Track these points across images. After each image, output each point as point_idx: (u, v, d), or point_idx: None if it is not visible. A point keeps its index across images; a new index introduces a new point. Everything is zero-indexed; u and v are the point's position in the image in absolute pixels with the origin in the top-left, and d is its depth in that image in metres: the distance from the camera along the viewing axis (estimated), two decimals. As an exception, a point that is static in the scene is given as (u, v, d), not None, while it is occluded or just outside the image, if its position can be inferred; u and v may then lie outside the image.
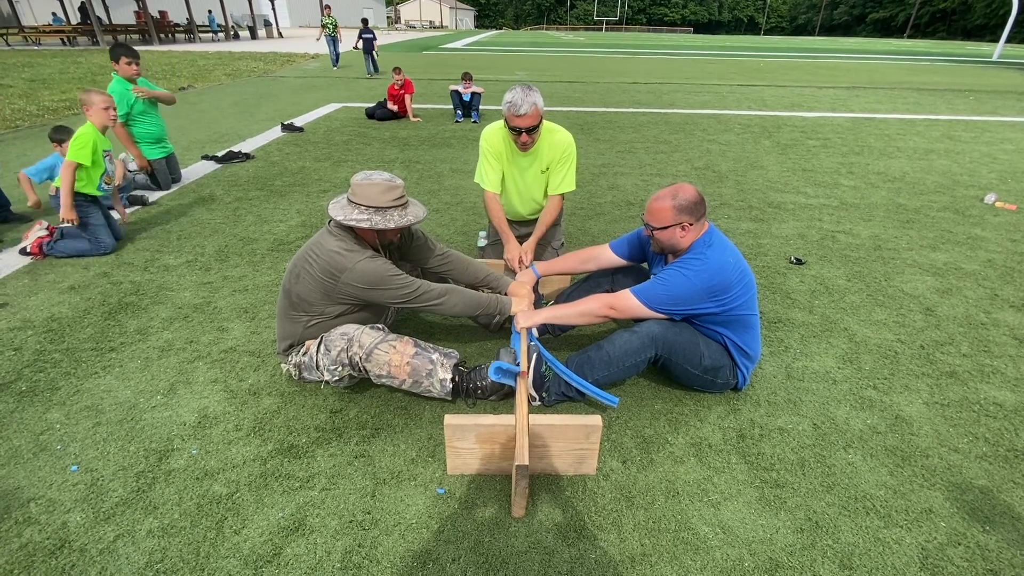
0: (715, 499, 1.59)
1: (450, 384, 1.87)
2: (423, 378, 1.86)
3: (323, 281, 1.84)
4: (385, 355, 1.83)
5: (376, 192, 1.84)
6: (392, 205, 1.87)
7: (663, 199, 1.82)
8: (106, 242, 3.18)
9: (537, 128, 2.39)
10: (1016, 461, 1.75)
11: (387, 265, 1.87)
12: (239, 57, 16.96)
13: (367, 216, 1.84)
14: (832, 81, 13.38)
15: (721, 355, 1.90)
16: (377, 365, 1.83)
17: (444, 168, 5.15)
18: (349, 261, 1.81)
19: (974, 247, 3.47)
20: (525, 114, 2.29)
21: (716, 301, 1.80)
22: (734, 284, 1.80)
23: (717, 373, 1.91)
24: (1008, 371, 2.22)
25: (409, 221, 1.89)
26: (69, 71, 12.11)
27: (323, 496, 1.59)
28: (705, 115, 8.23)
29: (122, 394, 2.00)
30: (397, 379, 1.85)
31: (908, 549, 1.45)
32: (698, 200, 1.81)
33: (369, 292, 1.85)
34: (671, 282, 1.82)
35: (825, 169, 5.28)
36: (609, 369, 1.86)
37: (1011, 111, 9.10)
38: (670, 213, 1.81)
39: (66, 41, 21.28)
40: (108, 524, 1.48)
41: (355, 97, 9.42)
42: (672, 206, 1.80)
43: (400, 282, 1.87)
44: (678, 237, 1.84)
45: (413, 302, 1.90)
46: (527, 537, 1.47)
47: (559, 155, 2.54)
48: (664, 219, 1.82)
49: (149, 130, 4.23)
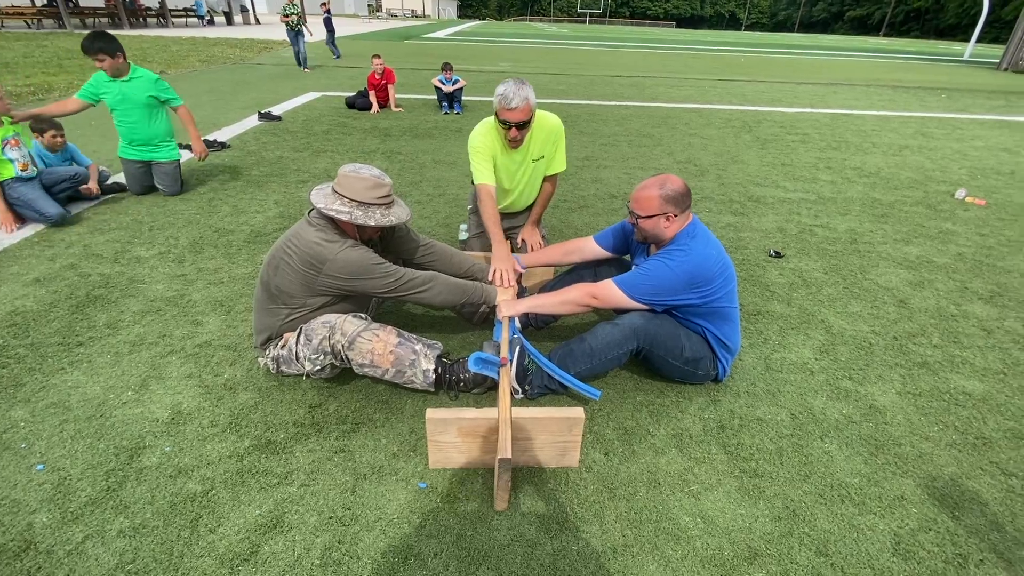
0: (696, 489, 1.61)
1: (433, 375, 1.85)
2: (406, 367, 1.83)
3: (304, 272, 1.79)
4: (368, 343, 1.79)
5: (362, 187, 1.81)
6: (377, 203, 1.83)
7: (650, 188, 1.83)
8: (49, 211, 3.25)
9: (528, 124, 2.33)
10: (984, 448, 1.81)
11: (369, 254, 1.84)
12: (214, 43, 16.48)
13: (349, 209, 1.81)
14: (811, 77, 13.58)
15: (702, 347, 1.92)
16: (360, 354, 1.79)
17: (426, 159, 5.09)
18: (330, 251, 1.77)
19: (945, 241, 3.56)
20: (516, 107, 2.23)
21: (697, 293, 1.81)
22: (715, 276, 1.81)
23: (698, 364, 1.92)
24: (976, 361, 2.28)
25: (391, 222, 1.86)
26: (34, 55, 11.62)
27: (302, 492, 1.56)
28: (687, 109, 8.28)
29: (91, 390, 1.93)
30: (380, 368, 1.82)
31: (881, 535, 1.48)
32: (684, 191, 1.82)
33: (352, 282, 1.82)
34: (653, 273, 1.82)
35: (804, 164, 5.36)
36: (591, 361, 1.86)
37: (981, 109, 9.36)
38: (656, 202, 1.81)
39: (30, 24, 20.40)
40: (76, 524, 1.43)
41: (335, 86, 9.24)
42: (659, 195, 1.81)
43: (383, 271, 1.84)
44: (662, 227, 1.85)
45: (397, 291, 1.87)
46: (509, 530, 1.46)
47: (552, 141, 2.53)
48: (650, 208, 1.83)
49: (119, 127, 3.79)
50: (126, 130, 3.76)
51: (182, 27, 24.78)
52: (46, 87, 7.87)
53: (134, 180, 3.87)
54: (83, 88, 3.62)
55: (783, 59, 19.96)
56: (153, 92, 3.75)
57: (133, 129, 3.75)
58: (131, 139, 3.78)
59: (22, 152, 3.26)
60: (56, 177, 3.51)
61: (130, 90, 3.66)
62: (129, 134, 3.76)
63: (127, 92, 3.66)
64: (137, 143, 3.79)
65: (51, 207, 3.26)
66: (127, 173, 3.87)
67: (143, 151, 3.82)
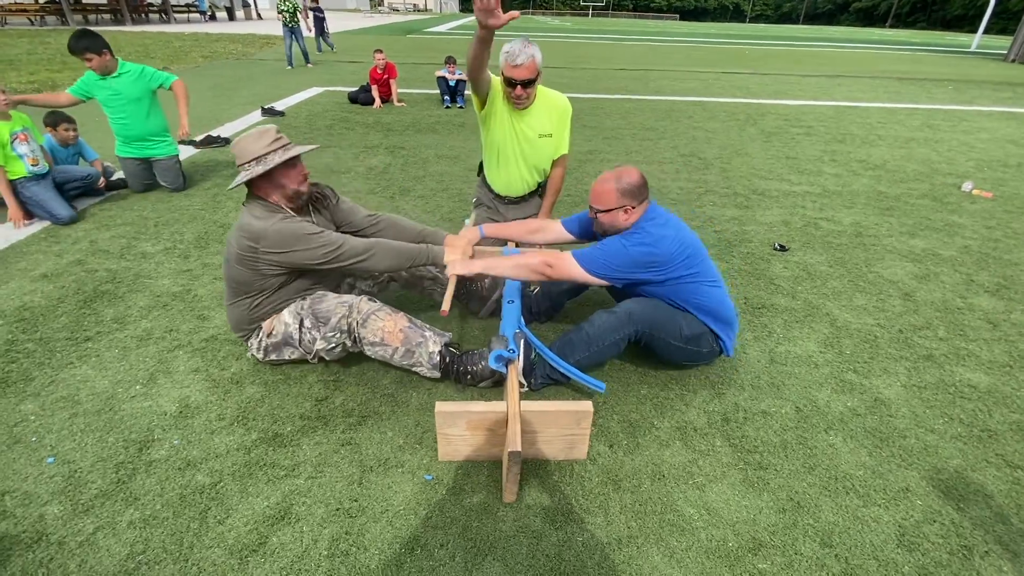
0: (700, 481, 1.62)
1: (438, 358, 1.88)
2: (415, 347, 1.87)
3: (245, 257, 1.80)
4: (380, 321, 1.85)
5: (249, 143, 1.79)
6: (269, 150, 1.80)
7: (607, 182, 1.85)
8: (61, 213, 3.28)
9: (533, 83, 2.29)
10: (989, 441, 1.80)
11: (303, 224, 1.83)
12: (216, 39, 16.46)
13: (248, 170, 1.79)
14: (815, 70, 13.47)
15: (697, 323, 1.91)
16: (372, 331, 1.84)
17: (429, 154, 5.08)
18: (262, 227, 1.76)
19: (951, 234, 3.54)
20: (521, 64, 2.20)
21: (654, 271, 1.82)
22: (674, 256, 1.82)
23: (699, 341, 1.91)
24: (982, 354, 2.28)
25: (291, 155, 1.82)
26: (37, 52, 11.64)
27: (309, 484, 1.57)
28: (691, 102, 8.23)
29: (99, 384, 1.95)
30: (390, 347, 1.85)
31: (886, 527, 1.49)
32: (640, 183, 1.84)
33: (289, 255, 1.80)
34: (610, 250, 1.83)
35: (808, 157, 5.33)
36: (589, 349, 1.86)
37: (988, 100, 9.27)
38: (613, 196, 1.84)
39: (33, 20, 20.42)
40: (87, 516, 1.45)
41: (337, 81, 9.22)
42: (615, 189, 1.83)
43: (320, 240, 1.82)
44: (621, 220, 1.87)
45: (338, 260, 1.85)
46: (515, 522, 1.47)
47: (558, 118, 2.48)
48: (608, 201, 1.85)
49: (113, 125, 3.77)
50: (121, 127, 3.73)
51: (184, 23, 24.76)
52: (50, 84, 7.89)
53: (134, 178, 3.87)
54: (76, 84, 3.60)
55: (787, 51, 19.79)
56: (145, 84, 3.73)
57: (128, 125, 3.72)
58: (127, 136, 3.75)
59: (31, 147, 3.27)
60: (69, 176, 3.55)
61: (121, 86, 3.65)
62: (124, 130, 3.73)
63: (118, 88, 3.64)
64: (133, 139, 3.77)
65: (63, 209, 3.29)
66: (127, 172, 3.86)
67: (140, 147, 3.81)
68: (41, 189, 3.29)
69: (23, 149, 3.23)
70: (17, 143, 3.20)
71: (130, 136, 3.75)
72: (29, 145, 3.26)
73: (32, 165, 3.27)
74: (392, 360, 1.89)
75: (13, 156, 3.20)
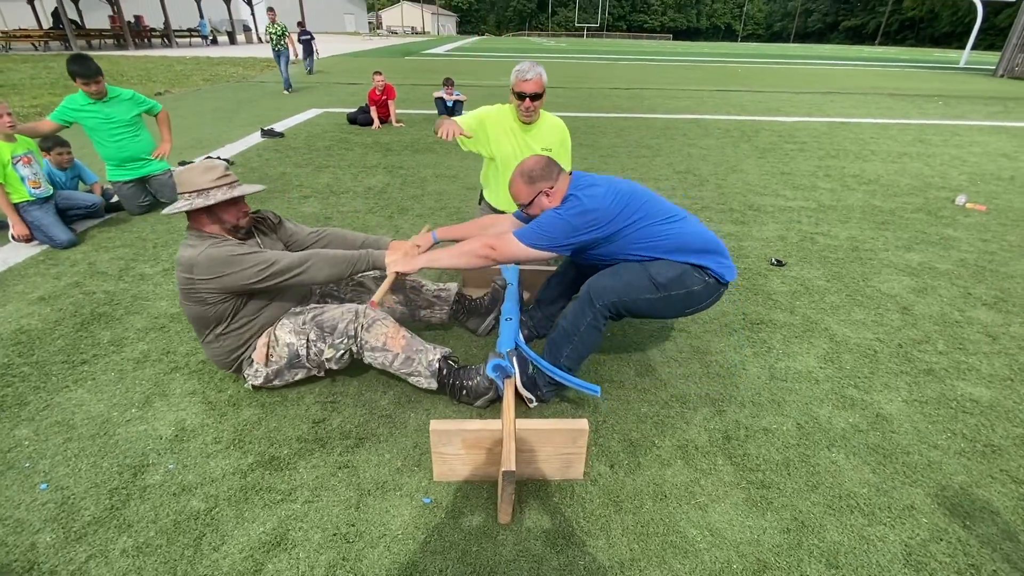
0: (702, 501, 1.59)
1: (436, 365, 1.88)
2: (415, 354, 1.88)
3: (186, 290, 1.80)
4: (384, 327, 1.89)
5: (195, 175, 1.80)
6: (214, 185, 1.80)
7: (513, 180, 1.90)
8: (60, 238, 3.29)
9: (540, 97, 2.50)
10: (993, 456, 1.79)
11: (234, 245, 1.82)
12: (217, 62, 16.73)
13: (189, 200, 1.79)
14: (807, 87, 13.69)
15: (669, 266, 1.82)
16: (375, 336, 1.86)
17: (427, 173, 5.13)
18: (193, 255, 1.76)
19: (947, 247, 3.56)
20: (531, 79, 2.44)
21: (597, 230, 1.78)
22: (611, 207, 1.78)
23: (684, 281, 1.81)
24: (983, 368, 2.27)
25: (236, 194, 1.82)
26: (40, 76, 11.81)
27: (306, 509, 1.55)
28: (685, 120, 8.34)
29: (95, 408, 1.94)
30: (391, 352, 1.87)
31: (892, 546, 1.46)
32: (543, 164, 1.88)
33: (224, 279, 1.77)
34: (547, 222, 1.81)
35: (803, 172, 5.38)
36: (571, 341, 1.86)
37: (978, 115, 9.41)
38: (524, 189, 1.88)
39: (37, 46, 20.76)
40: (80, 544, 1.43)
41: (336, 102, 9.35)
42: (523, 182, 1.87)
43: (253, 259, 1.78)
44: (546, 203, 1.89)
45: (274, 276, 1.81)
46: (515, 545, 1.45)
47: (558, 138, 2.69)
48: (524, 195, 1.89)
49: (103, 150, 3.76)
50: (114, 150, 3.74)
51: (186, 47, 25.19)
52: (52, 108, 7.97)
53: (131, 200, 3.87)
54: (57, 110, 3.58)
55: (780, 69, 20.13)
56: (136, 108, 3.81)
57: (121, 148, 3.75)
58: (120, 159, 3.77)
59: (34, 169, 3.30)
60: (72, 203, 3.60)
61: (113, 111, 3.70)
62: (118, 154, 3.75)
63: (110, 113, 3.69)
64: (127, 160, 3.80)
65: (63, 234, 3.30)
66: (123, 196, 3.86)
67: (134, 168, 3.84)
68: (43, 214, 3.30)
69: (25, 171, 3.25)
70: (20, 165, 3.23)
71: (124, 158, 3.78)
72: (31, 168, 3.29)
73: (34, 188, 3.29)
74: (391, 367, 1.88)
75: (14, 176, 3.22)
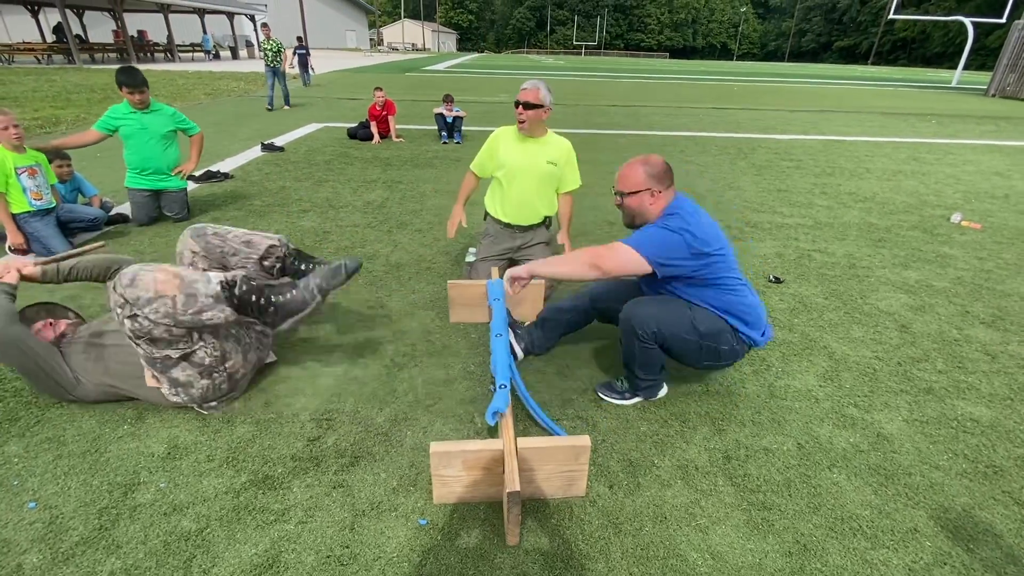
0: (703, 523, 1.57)
1: (216, 287, 1.71)
2: (192, 287, 1.67)
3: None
4: (149, 274, 1.63)
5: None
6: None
7: (634, 165, 1.90)
8: (58, 250, 3.26)
9: (532, 108, 2.61)
10: (995, 477, 1.77)
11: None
12: (219, 77, 16.88)
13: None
14: (802, 105, 13.87)
15: (711, 318, 1.86)
16: (143, 288, 1.60)
17: (427, 188, 5.15)
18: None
19: (943, 265, 3.58)
20: (528, 89, 2.60)
21: (696, 261, 1.79)
22: (711, 240, 1.80)
23: (718, 338, 1.87)
24: (982, 387, 2.26)
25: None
26: (43, 89, 11.89)
27: (299, 530, 1.52)
28: (683, 137, 8.43)
29: (86, 424, 1.91)
30: (167, 297, 1.62)
31: (895, 571, 1.44)
32: (667, 168, 1.89)
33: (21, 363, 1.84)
34: (655, 232, 1.82)
35: (799, 189, 5.43)
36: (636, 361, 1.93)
37: (971, 134, 9.53)
38: (641, 177, 1.87)
39: (40, 59, 20.94)
40: (67, 565, 1.39)
41: (337, 117, 9.42)
42: (643, 171, 1.87)
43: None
44: (647, 204, 1.89)
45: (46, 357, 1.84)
46: (513, 568, 1.42)
47: (564, 155, 2.81)
48: (636, 183, 1.88)
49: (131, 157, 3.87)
50: (140, 159, 3.85)
51: (188, 61, 25.44)
52: (53, 120, 8.03)
53: (141, 209, 3.93)
54: (101, 119, 3.75)
55: (775, 88, 20.42)
56: (172, 125, 3.94)
57: (147, 159, 3.86)
58: (143, 168, 3.87)
59: (37, 181, 3.31)
60: (74, 216, 3.62)
61: (151, 122, 3.83)
62: (142, 163, 3.85)
63: (148, 123, 3.82)
64: (148, 172, 3.89)
65: (60, 246, 3.30)
66: (134, 202, 3.92)
67: (153, 180, 3.93)
68: (43, 225, 3.31)
69: (28, 183, 3.27)
70: (24, 176, 3.24)
71: (148, 168, 3.88)
72: (36, 180, 3.30)
73: (35, 199, 3.29)
74: (179, 316, 1.65)
75: (16, 186, 3.23)
